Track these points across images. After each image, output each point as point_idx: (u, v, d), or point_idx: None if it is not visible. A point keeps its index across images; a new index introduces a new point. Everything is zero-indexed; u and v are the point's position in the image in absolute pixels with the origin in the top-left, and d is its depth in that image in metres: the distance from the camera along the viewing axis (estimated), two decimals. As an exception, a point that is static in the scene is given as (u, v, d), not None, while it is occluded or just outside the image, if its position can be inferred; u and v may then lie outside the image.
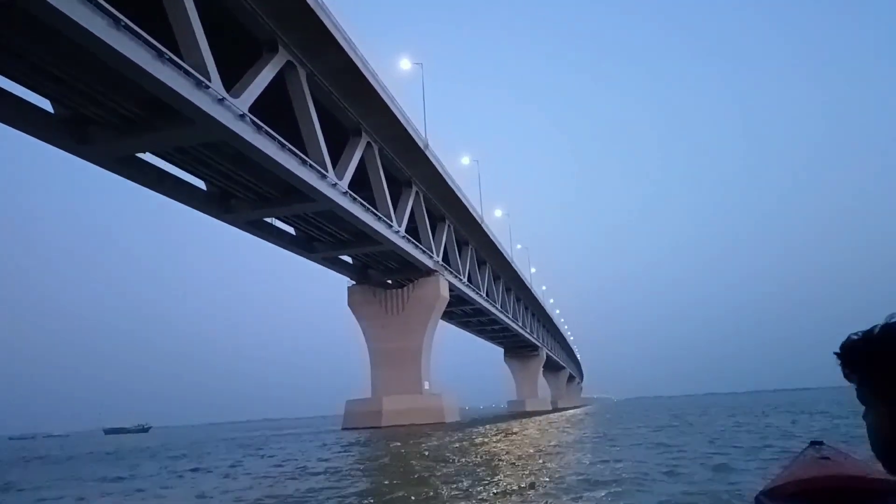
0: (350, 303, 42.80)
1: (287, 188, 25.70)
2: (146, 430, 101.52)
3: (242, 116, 19.58)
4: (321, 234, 34.22)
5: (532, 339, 78.21)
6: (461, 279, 44.18)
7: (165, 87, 16.56)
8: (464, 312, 54.16)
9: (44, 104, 20.19)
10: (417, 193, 35.46)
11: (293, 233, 34.45)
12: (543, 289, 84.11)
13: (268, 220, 31.58)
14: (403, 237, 33.90)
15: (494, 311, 55.24)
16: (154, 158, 24.30)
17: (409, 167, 33.48)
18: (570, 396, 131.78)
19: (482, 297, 50.31)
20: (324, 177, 24.74)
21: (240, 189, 27.36)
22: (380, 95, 26.58)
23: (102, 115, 20.21)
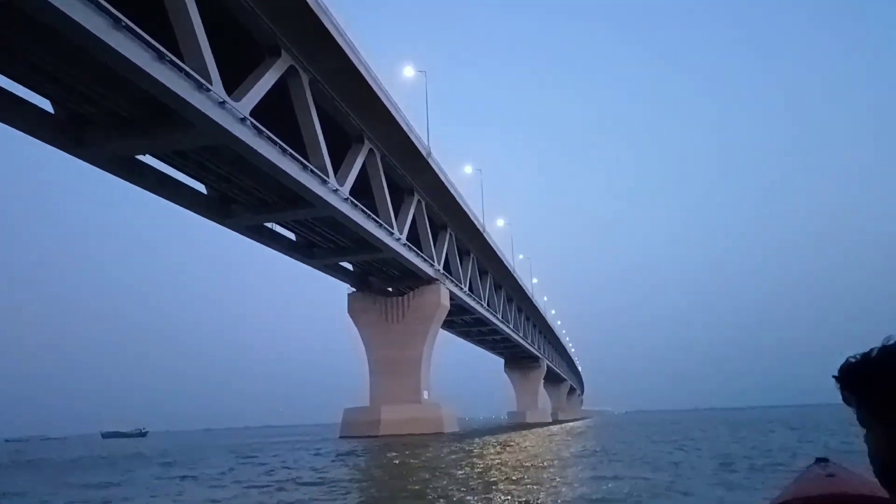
0: (350, 310, 42.54)
1: (288, 193, 25.52)
2: (144, 435, 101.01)
3: (243, 120, 19.43)
4: (322, 241, 34.04)
5: (533, 350, 77.78)
6: (462, 288, 43.93)
7: (166, 89, 16.41)
8: (464, 322, 53.86)
9: (44, 104, 20.08)
10: (419, 201, 35.30)
11: (293, 238, 34.29)
12: (545, 300, 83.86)
13: (268, 226, 31.43)
14: (404, 245, 33.70)
15: (495, 321, 54.91)
16: (155, 162, 24.18)
17: (412, 175, 33.33)
18: (571, 409, 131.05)
19: (483, 307, 50.02)
20: (325, 182, 24.58)
21: (240, 193, 27.20)
22: (383, 102, 26.46)
23: (101, 116, 20.07)
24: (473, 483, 11.26)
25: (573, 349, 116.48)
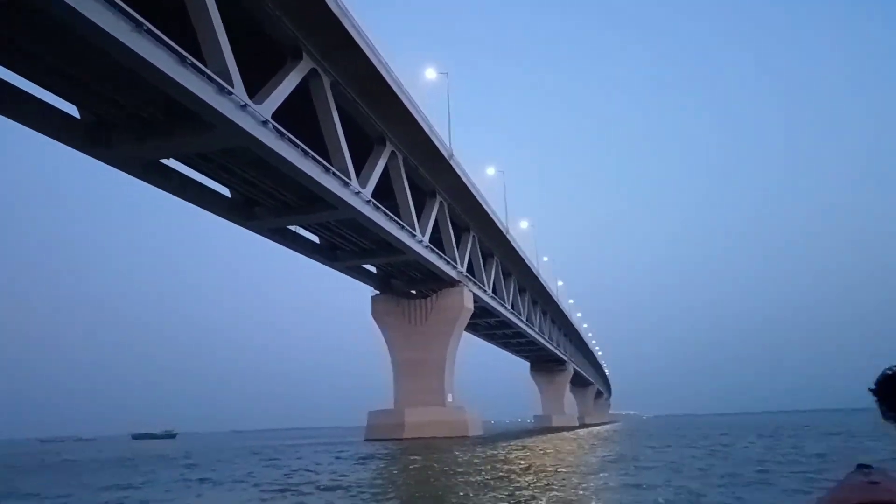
0: (373, 312, 42.55)
1: (310, 196, 25.55)
2: (173, 437, 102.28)
3: (265, 123, 19.47)
4: (344, 243, 34.07)
5: (559, 354, 77.01)
6: (486, 290, 43.62)
7: (188, 93, 16.51)
8: (488, 324, 53.51)
9: (70, 109, 20.38)
10: (441, 203, 35.13)
11: (316, 240, 34.38)
12: (570, 302, 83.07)
13: (291, 228, 31.55)
14: (427, 247, 33.55)
15: (520, 324, 54.44)
16: (179, 165, 24.41)
17: (434, 177, 33.18)
18: (598, 412, 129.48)
19: (507, 310, 49.61)
20: (347, 185, 24.55)
21: (263, 196, 27.33)
22: (404, 104, 26.35)
23: (125, 120, 20.30)
24: (498, 492, 10.96)
25: (600, 352, 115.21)
